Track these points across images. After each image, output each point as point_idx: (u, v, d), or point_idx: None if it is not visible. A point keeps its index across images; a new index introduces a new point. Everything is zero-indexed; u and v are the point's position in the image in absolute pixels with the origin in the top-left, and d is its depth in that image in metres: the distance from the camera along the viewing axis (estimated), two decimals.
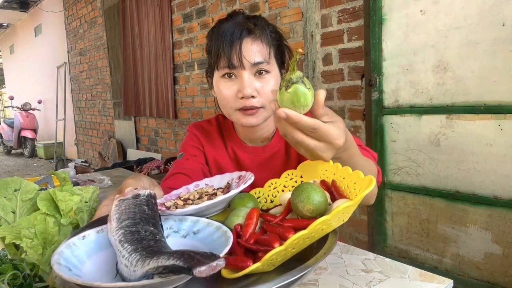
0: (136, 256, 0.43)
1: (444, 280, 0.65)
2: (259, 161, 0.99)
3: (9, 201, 0.69)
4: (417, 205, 2.07)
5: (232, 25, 0.86)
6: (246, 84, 0.85)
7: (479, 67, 1.77)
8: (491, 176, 1.78)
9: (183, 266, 0.38)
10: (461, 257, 1.93)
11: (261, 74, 0.87)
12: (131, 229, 0.47)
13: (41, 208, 0.66)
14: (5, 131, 9.14)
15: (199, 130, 1.06)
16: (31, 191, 0.72)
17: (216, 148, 1.03)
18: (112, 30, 5.23)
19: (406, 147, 2.07)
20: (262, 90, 0.86)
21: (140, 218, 0.49)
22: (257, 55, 0.85)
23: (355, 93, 2.30)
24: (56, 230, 0.63)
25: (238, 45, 0.84)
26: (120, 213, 0.50)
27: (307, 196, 0.50)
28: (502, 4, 1.67)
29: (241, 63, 0.84)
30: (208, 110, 3.69)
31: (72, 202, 0.66)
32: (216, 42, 0.87)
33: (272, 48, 0.89)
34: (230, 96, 0.88)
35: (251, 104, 0.86)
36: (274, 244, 0.47)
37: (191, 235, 0.55)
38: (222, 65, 0.87)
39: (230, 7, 3.20)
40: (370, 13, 2.10)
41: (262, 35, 0.87)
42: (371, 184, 0.48)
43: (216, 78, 0.92)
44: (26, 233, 0.61)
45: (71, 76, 6.99)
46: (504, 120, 1.71)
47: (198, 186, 0.79)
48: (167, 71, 4.10)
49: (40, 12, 7.94)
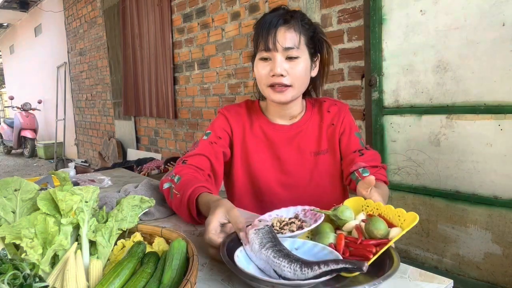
0: (297, 265, 0.60)
1: (444, 280, 0.65)
2: (285, 138, 1.14)
3: (9, 201, 0.69)
4: (417, 205, 2.07)
5: (272, 16, 1.03)
6: (277, 64, 1.01)
7: (479, 67, 1.77)
8: (491, 176, 1.78)
9: (353, 267, 0.58)
10: (461, 257, 1.93)
11: (291, 59, 1.02)
12: (276, 248, 0.64)
13: (41, 208, 0.66)
14: (5, 131, 9.14)
15: (229, 112, 1.18)
16: (31, 191, 0.72)
17: (243, 128, 1.16)
18: (112, 30, 5.23)
19: (406, 147, 2.07)
20: (291, 70, 1.02)
21: (274, 241, 0.67)
22: (288, 41, 1.00)
23: (355, 93, 2.30)
24: (56, 230, 0.63)
25: (274, 31, 1.00)
26: (260, 238, 0.67)
27: (379, 225, 0.73)
28: (502, 4, 1.67)
29: (275, 46, 1.00)
30: (208, 110, 3.69)
31: (72, 202, 0.66)
32: (258, 30, 1.04)
33: (303, 36, 1.03)
34: (264, 74, 1.04)
35: (279, 81, 1.02)
36: (369, 255, 0.67)
37: (294, 250, 0.71)
38: (261, 48, 1.03)
39: (230, 7, 3.20)
40: (370, 13, 2.10)
41: (296, 25, 1.02)
42: (415, 219, 0.73)
43: (256, 61, 1.07)
44: (26, 233, 0.61)
45: (71, 76, 6.99)
46: (504, 120, 1.71)
47: (271, 216, 0.86)
48: (167, 71, 4.10)
49: (40, 12, 7.94)
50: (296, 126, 1.14)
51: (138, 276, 0.58)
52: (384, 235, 0.73)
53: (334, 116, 1.14)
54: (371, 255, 0.68)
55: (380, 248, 0.69)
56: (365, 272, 0.59)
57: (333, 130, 1.13)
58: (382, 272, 0.66)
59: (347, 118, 1.15)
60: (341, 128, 1.13)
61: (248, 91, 3.17)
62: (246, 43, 3.12)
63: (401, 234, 0.72)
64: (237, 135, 1.15)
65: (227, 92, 3.40)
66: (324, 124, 1.14)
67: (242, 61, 3.18)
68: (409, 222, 0.73)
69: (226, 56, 3.34)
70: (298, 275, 0.60)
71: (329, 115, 1.15)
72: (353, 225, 0.77)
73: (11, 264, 0.51)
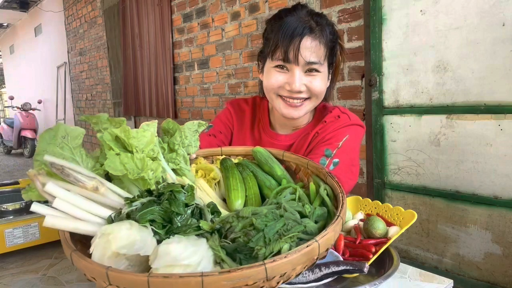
0: None
1: (444, 280, 0.65)
2: (277, 148, 1.04)
3: (61, 149, 0.66)
4: (417, 205, 2.07)
5: (295, 20, 0.88)
6: (297, 79, 0.89)
7: (479, 67, 1.77)
8: (491, 176, 1.78)
9: (354, 268, 0.59)
10: (461, 257, 1.92)
11: (311, 71, 0.91)
12: None
13: (114, 148, 0.65)
14: (5, 131, 9.12)
15: (234, 108, 1.13)
16: (79, 136, 0.69)
17: (244, 127, 1.10)
18: (112, 30, 5.23)
19: (406, 147, 2.07)
20: (310, 85, 0.91)
21: None
22: (313, 55, 0.88)
23: (355, 93, 2.30)
24: (145, 164, 0.66)
25: (298, 42, 0.87)
26: None
27: (377, 225, 0.73)
28: (502, 4, 1.67)
29: (296, 59, 0.88)
30: (208, 110, 3.69)
31: (145, 138, 0.67)
32: (277, 33, 0.89)
33: (327, 50, 0.91)
34: (277, 85, 0.92)
35: (296, 96, 0.92)
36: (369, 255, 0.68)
37: None
38: (277, 56, 0.90)
39: (230, 7, 3.20)
40: (370, 13, 2.10)
41: (321, 36, 0.89)
42: (413, 217, 0.74)
43: (268, 67, 0.95)
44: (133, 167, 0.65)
45: (71, 76, 6.99)
46: (504, 120, 1.71)
47: None
48: (167, 71, 4.10)
49: (40, 12, 7.94)
50: (293, 136, 1.04)
51: (249, 179, 0.72)
52: (383, 234, 0.73)
53: (326, 126, 0.97)
54: (371, 254, 0.68)
55: (379, 248, 0.69)
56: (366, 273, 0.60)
57: (316, 140, 0.97)
58: (382, 271, 0.67)
59: (335, 132, 0.95)
60: (322, 139, 0.96)
61: (248, 91, 3.17)
62: (246, 43, 3.12)
63: (400, 233, 0.72)
64: (237, 133, 1.11)
65: (227, 92, 3.40)
66: (311, 133, 0.99)
67: (242, 61, 3.18)
68: (408, 220, 0.74)
69: (226, 56, 3.34)
70: (299, 278, 0.60)
71: (322, 124, 0.99)
72: (352, 225, 0.78)
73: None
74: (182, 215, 0.56)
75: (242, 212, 0.54)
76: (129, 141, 0.65)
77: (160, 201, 0.56)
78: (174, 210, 0.55)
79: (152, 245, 0.52)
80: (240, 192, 0.70)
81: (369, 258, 0.67)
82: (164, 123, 0.78)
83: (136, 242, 0.51)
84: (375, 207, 0.81)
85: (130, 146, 0.66)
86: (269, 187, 0.73)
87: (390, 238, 0.71)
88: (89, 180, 0.60)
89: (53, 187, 0.57)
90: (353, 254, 0.71)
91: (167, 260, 0.47)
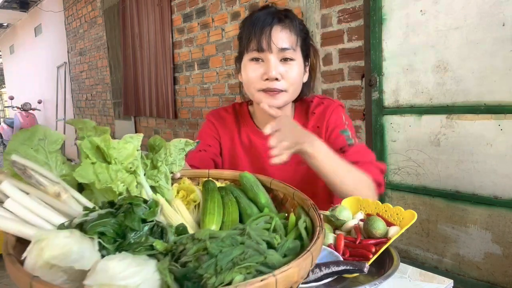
0: None
1: (444, 280, 0.65)
2: None
3: (36, 152, 0.63)
4: (417, 205, 2.07)
5: (264, 14, 0.94)
6: (272, 66, 0.92)
7: (479, 67, 1.77)
8: (491, 176, 1.78)
9: (354, 268, 0.59)
10: (461, 257, 1.93)
11: (286, 60, 0.94)
12: None
13: (90, 157, 0.62)
14: (5, 131, 9.13)
15: (216, 118, 1.13)
16: (57, 142, 0.65)
17: (231, 135, 1.10)
18: (112, 30, 5.23)
19: (406, 147, 2.07)
20: (286, 74, 0.94)
21: None
22: (284, 41, 0.92)
23: (355, 93, 2.30)
24: (115, 177, 0.62)
25: (268, 30, 0.92)
26: None
27: (377, 225, 0.73)
28: (502, 4, 1.67)
29: (269, 47, 0.91)
30: (208, 110, 3.69)
31: (126, 150, 0.63)
32: (249, 27, 0.94)
33: (299, 38, 0.95)
34: (256, 78, 0.95)
35: (274, 87, 0.93)
36: (369, 255, 0.68)
37: None
38: (251, 47, 0.94)
39: (230, 7, 3.20)
40: (370, 13, 2.10)
41: (291, 24, 0.94)
42: (414, 217, 0.73)
43: (244, 62, 0.98)
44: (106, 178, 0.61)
45: (71, 76, 6.99)
46: (504, 120, 1.71)
47: None
48: (167, 71, 4.10)
49: (40, 12, 7.94)
50: None
51: (230, 204, 0.67)
52: (383, 234, 0.73)
53: (319, 117, 1.04)
54: (371, 254, 0.68)
55: (379, 248, 0.69)
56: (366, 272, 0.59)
57: (318, 133, 1.02)
58: (382, 271, 0.67)
59: (332, 116, 1.04)
60: (326, 130, 1.04)
61: None
62: None
63: (400, 233, 0.72)
64: (225, 143, 1.10)
65: (227, 92, 3.40)
66: (309, 128, 1.04)
67: None
68: (408, 220, 0.74)
69: (226, 56, 3.34)
70: None
71: (314, 117, 1.05)
72: (352, 225, 0.78)
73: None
74: (137, 231, 0.51)
75: (199, 234, 0.49)
76: (109, 151, 0.62)
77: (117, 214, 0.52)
78: (128, 225, 0.50)
79: (92, 260, 0.46)
80: (216, 216, 0.65)
81: (369, 258, 0.67)
82: (151, 139, 0.75)
83: (72, 253, 0.45)
84: (375, 207, 0.81)
85: (109, 156, 0.62)
86: (250, 215, 0.68)
87: (390, 238, 0.71)
88: (52, 184, 0.56)
89: (7, 186, 0.53)
90: (353, 254, 0.71)
91: (102, 278, 0.42)
